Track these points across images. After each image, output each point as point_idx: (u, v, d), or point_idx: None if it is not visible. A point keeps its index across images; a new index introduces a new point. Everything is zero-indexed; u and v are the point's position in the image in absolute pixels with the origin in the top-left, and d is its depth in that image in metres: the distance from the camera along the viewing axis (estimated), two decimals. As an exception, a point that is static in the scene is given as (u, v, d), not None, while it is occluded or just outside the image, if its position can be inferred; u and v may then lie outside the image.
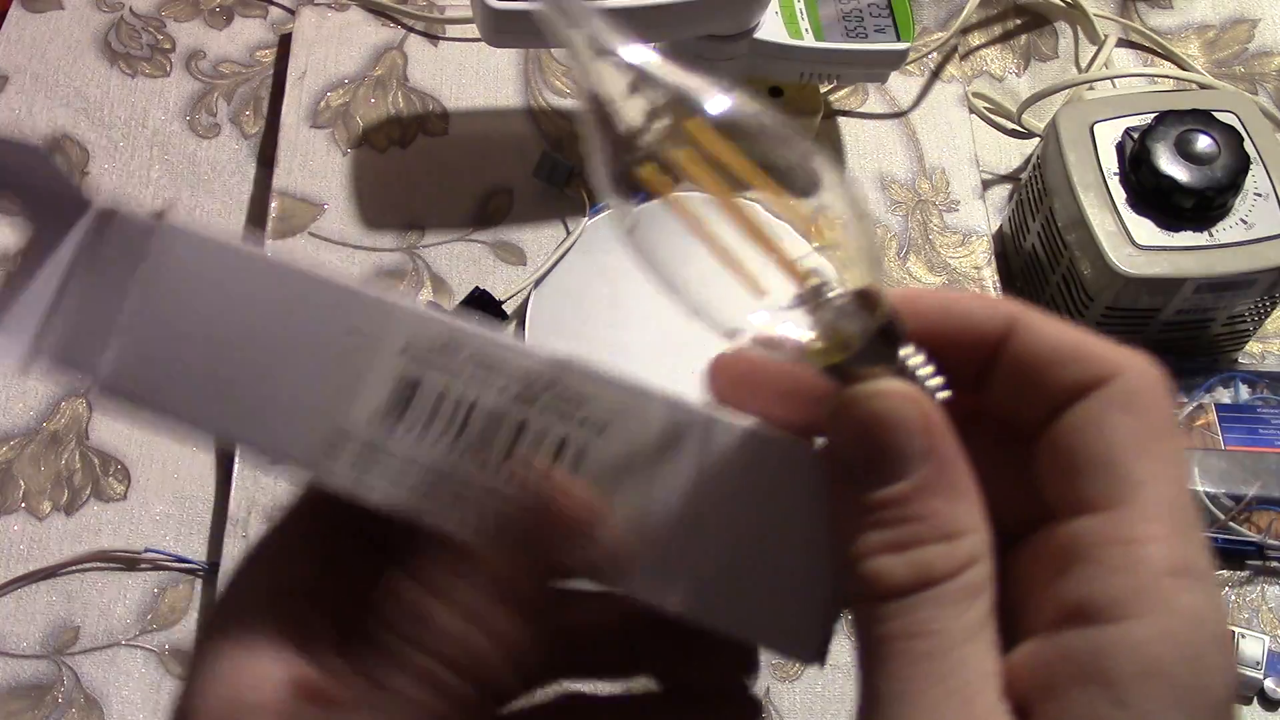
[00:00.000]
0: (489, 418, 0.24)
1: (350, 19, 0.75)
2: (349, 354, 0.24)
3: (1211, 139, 0.60)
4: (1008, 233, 0.72)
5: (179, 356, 0.25)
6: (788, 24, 0.64)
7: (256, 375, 0.25)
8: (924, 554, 0.22)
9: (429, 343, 0.24)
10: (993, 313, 0.25)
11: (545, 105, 0.73)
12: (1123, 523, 0.22)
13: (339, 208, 0.69)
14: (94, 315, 0.25)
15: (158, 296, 0.25)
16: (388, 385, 0.24)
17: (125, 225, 0.25)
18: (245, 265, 0.25)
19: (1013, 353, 0.24)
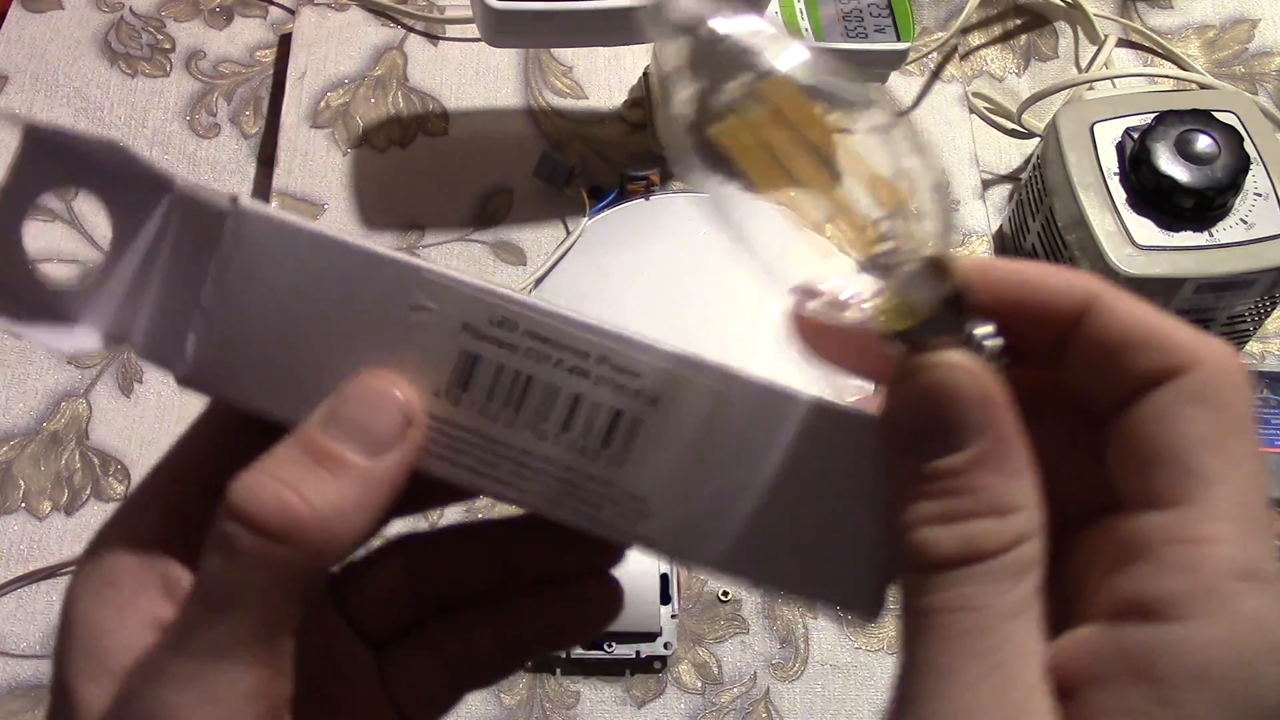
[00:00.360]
0: (546, 390, 0.25)
1: (350, 19, 0.75)
2: (412, 331, 0.25)
3: (1211, 139, 0.60)
4: (1008, 233, 0.72)
5: (253, 341, 0.25)
6: (788, 24, 0.65)
7: (327, 355, 0.25)
8: (973, 527, 0.22)
9: (488, 318, 0.25)
10: (1070, 288, 0.24)
11: (545, 105, 0.73)
12: (1190, 521, 0.22)
13: (339, 208, 0.69)
14: (173, 303, 0.25)
15: (232, 282, 0.25)
16: (450, 361, 0.25)
17: (200, 209, 0.25)
18: (314, 245, 0.25)
19: (1090, 332, 0.24)
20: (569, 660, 0.57)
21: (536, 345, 0.25)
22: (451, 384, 0.25)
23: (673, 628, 0.58)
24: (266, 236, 0.25)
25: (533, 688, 0.57)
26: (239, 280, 0.25)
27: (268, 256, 0.25)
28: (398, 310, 0.25)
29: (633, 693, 0.58)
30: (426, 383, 0.25)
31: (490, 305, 0.25)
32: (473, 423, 0.25)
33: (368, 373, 0.25)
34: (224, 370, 0.25)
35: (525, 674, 0.57)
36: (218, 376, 0.25)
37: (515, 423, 0.25)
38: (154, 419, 0.64)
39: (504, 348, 0.25)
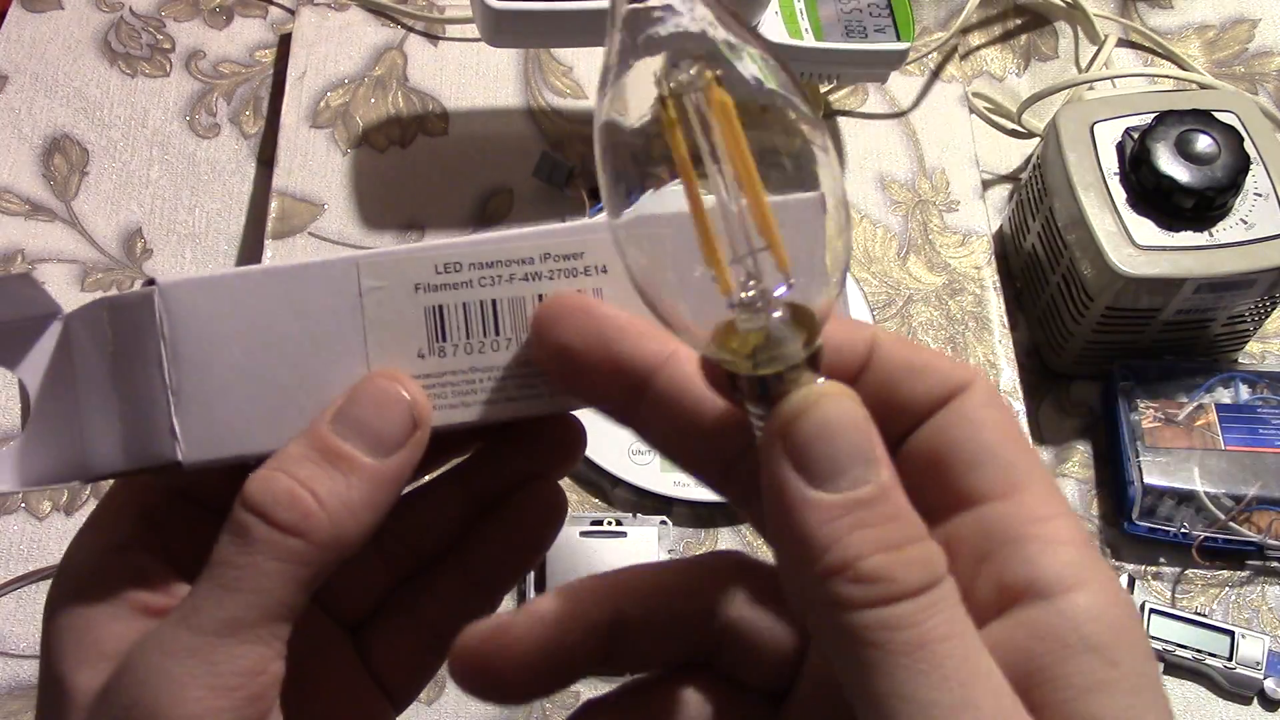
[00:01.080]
0: (513, 305, 0.26)
1: (350, 19, 0.75)
2: (373, 313, 0.26)
3: (1211, 139, 0.60)
4: (1008, 233, 0.72)
5: (232, 396, 0.26)
6: (788, 24, 0.64)
7: (306, 373, 0.26)
8: (919, 550, 0.22)
9: (434, 269, 0.26)
10: (855, 336, 0.25)
11: (545, 105, 0.73)
12: (1031, 504, 0.23)
13: (339, 208, 0.69)
14: (135, 405, 0.26)
15: (187, 354, 0.26)
16: (419, 322, 0.26)
17: (123, 308, 0.26)
18: (245, 286, 0.26)
19: (875, 373, 0.25)
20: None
21: (485, 272, 0.26)
22: (430, 340, 0.26)
23: (673, 628, 0.58)
24: (197, 300, 0.26)
25: (533, 688, 0.57)
26: (192, 350, 0.26)
27: (207, 316, 0.26)
28: (350, 302, 0.26)
29: (633, 693, 0.58)
30: (409, 350, 0.26)
31: (431, 258, 0.26)
32: (465, 364, 0.26)
33: (377, 373, 0.26)
34: (218, 436, 0.26)
35: (525, 674, 0.57)
36: (215, 444, 0.26)
37: (501, 344, 0.26)
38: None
39: (459, 288, 0.26)
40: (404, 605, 0.31)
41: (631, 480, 0.61)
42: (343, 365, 0.26)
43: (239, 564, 0.24)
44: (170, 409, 0.26)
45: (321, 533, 0.24)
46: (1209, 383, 0.64)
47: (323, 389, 0.26)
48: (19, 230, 0.69)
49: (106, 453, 0.26)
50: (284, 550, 0.24)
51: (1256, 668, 0.58)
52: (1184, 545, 0.60)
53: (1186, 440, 0.61)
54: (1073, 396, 0.67)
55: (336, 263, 0.26)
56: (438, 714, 0.56)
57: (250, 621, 0.24)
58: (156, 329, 0.26)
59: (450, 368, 0.26)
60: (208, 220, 0.70)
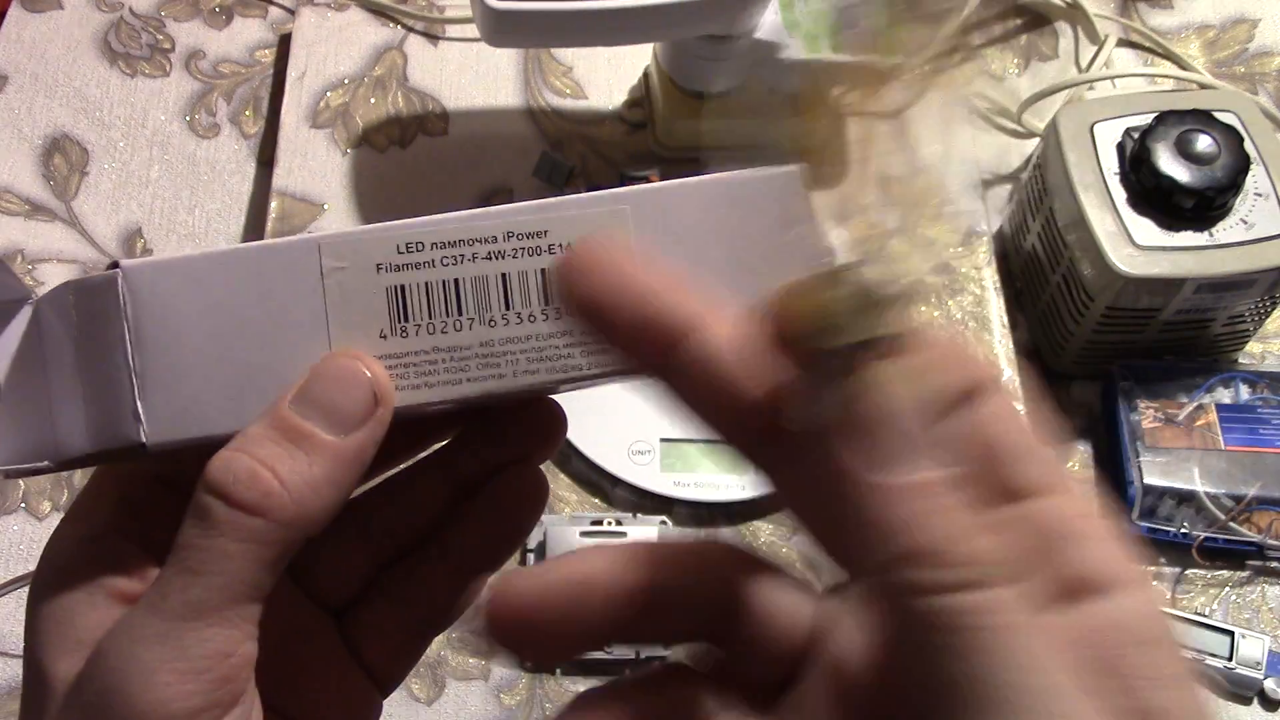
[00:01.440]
0: (476, 284, 0.27)
1: (350, 19, 0.75)
2: (335, 293, 0.26)
3: (1211, 139, 0.60)
4: (1008, 233, 0.72)
5: (195, 378, 0.26)
6: (788, 24, 0.64)
7: (269, 354, 0.26)
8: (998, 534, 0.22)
9: (395, 249, 0.27)
10: None
11: (545, 105, 0.73)
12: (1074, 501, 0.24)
13: (339, 208, 0.69)
14: (99, 389, 0.26)
15: (150, 337, 0.26)
16: (381, 302, 0.26)
17: (88, 291, 0.26)
18: (208, 268, 0.26)
19: None
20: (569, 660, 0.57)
21: (447, 252, 0.27)
22: (393, 321, 0.26)
23: (673, 628, 0.58)
24: (160, 282, 0.26)
25: (533, 688, 0.57)
26: (155, 332, 0.26)
27: (171, 298, 0.26)
28: (312, 283, 0.26)
29: (633, 693, 0.58)
30: (371, 331, 0.26)
31: (392, 237, 0.27)
32: (428, 344, 0.26)
33: (338, 352, 0.26)
34: (182, 417, 0.26)
35: (525, 674, 0.57)
36: (179, 425, 0.26)
37: (464, 324, 0.26)
38: (154, 419, 0.64)
39: (421, 268, 0.27)
40: (387, 589, 0.31)
41: (631, 480, 0.61)
42: (305, 346, 0.26)
43: (202, 546, 0.24)
44: (134, 391, 0.26)
45: (283, 511, 0.24)
46: (1209, 383, 0.64)
47: (286, 370, 0.26)
48: (19, 230, 0.69)
49: (74, 435, 0.26)
50: (246, 530, 0.24)
51: (1257, 668, 0.58)
52: (1184, 545, 0.60)
53: (1186, 440, 0.61)
54: (1073, 396, 0.67)
55: (299, 243, 0.26)
56: (438, 714, 0.57)
57: (216, 604, 0.24)
58: (120, 311, 0.26)
59: (413, 348, 0.26)
60: (208, 220, 0.70)
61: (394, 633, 0.31)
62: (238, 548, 0.24)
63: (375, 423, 0.26)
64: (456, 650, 0.58)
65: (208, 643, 0.24)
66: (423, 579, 0.31)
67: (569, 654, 0.26)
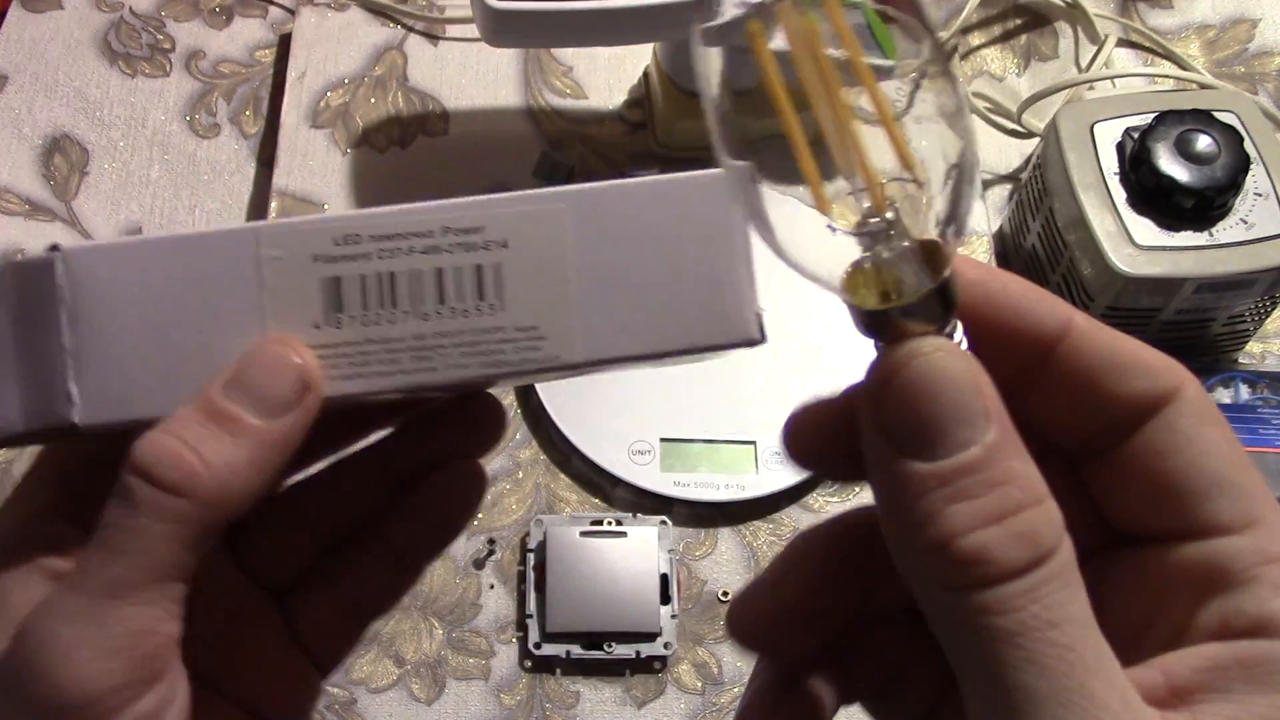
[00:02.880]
0: (410, 278, 0.27)
1: (350, 19, 0.75)
2: (270, 283, 0.26)
3: (1211, 139, 0.60)
4: (1008, 233, 0.72)
5: (129, 361, 0.26)
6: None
7: (204, 339, 0.26)
8: (1028, 521, 0.20)
9: (332, 241, 0.27)
10: (1053, 313, 0.23)
11: (545, 105, 0.73)
12: (1267, 540, 0.22)
13: (339, 208, 0.69)
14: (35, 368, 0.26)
15: (86, 318, 0.26)
16: (316, 292, 0.27)
17: (27, 272, 0.26)
18: (146, 253, 0.26)
19: (1068, 359, 0.23)
20: (569, 660, 0.57)
21: (384, 244, 0.27)
22: (326, 311, 0.26)
23: (673, 628, 0.58)
24: (98, 265, 0.26)
25: (533, 688, 0.57)
26: (91, 314, 0.26)
27: (108, 282, 0.26)
28: (249, 271, 0.26)
29: (633, 693, 0.58)
30: (305, 321, 0.26)
31: (330, 229, 0.27)
32: (362, 335, 0.27)
33: (269, 339, 0.26)
34: (115, 399, 0.26)
35: (525, 674, 0.57)
36: (111, 407, 0.26)
37: (398, 317, 0.27)
38: (154, 419, 0.64)
39: (357, 260, 0.27)
40: (328, 575, 0.31)
41: (631, 480, 0.61)
42: (240, 333, 0.26)
43: (124, 526, 0.24)
44: (67, 371, 0.26)
45: (205, 492, 0.24)
46: (1209, 383, 0.64)
47: (219, 356, 0.26)
48: (19, 230, 0.69)
49: (9, 414, 0.26)
50: (168, 510, 0.24)
51: (1256, 668, 0.58)
52: (1184, 545, 0.60)
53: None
54: (1073, 396, 0.67)
55: (237, 231, 0.26)
56: (438, 714, 0.57)
57: (137, 582, 0.24)
58: (57, 293, 0.26)
59: (346, 339, 0.27)
60: (208, 220, 0.70)
61: (333, 618, 0.31)
62: (159, 528, 0.24)
63: (303, 410, 0.26)
64: (456, 650, 0.58)
65: (128, 621, 0.24)
66: (362, 567, 0.31)
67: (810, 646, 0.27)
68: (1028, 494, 0.21)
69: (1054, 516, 0.21)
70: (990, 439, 0.21)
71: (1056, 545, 0.21)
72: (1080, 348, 0.23)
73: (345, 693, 0.56)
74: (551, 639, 0.57)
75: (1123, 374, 0.23)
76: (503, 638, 0.58)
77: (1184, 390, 0.23)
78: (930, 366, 0.21)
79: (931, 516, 0.20)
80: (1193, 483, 0.23)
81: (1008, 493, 0.20)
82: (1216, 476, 0.23)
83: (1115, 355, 0.23)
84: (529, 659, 0.57)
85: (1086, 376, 0.23)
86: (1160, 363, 0.23)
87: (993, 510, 0.20)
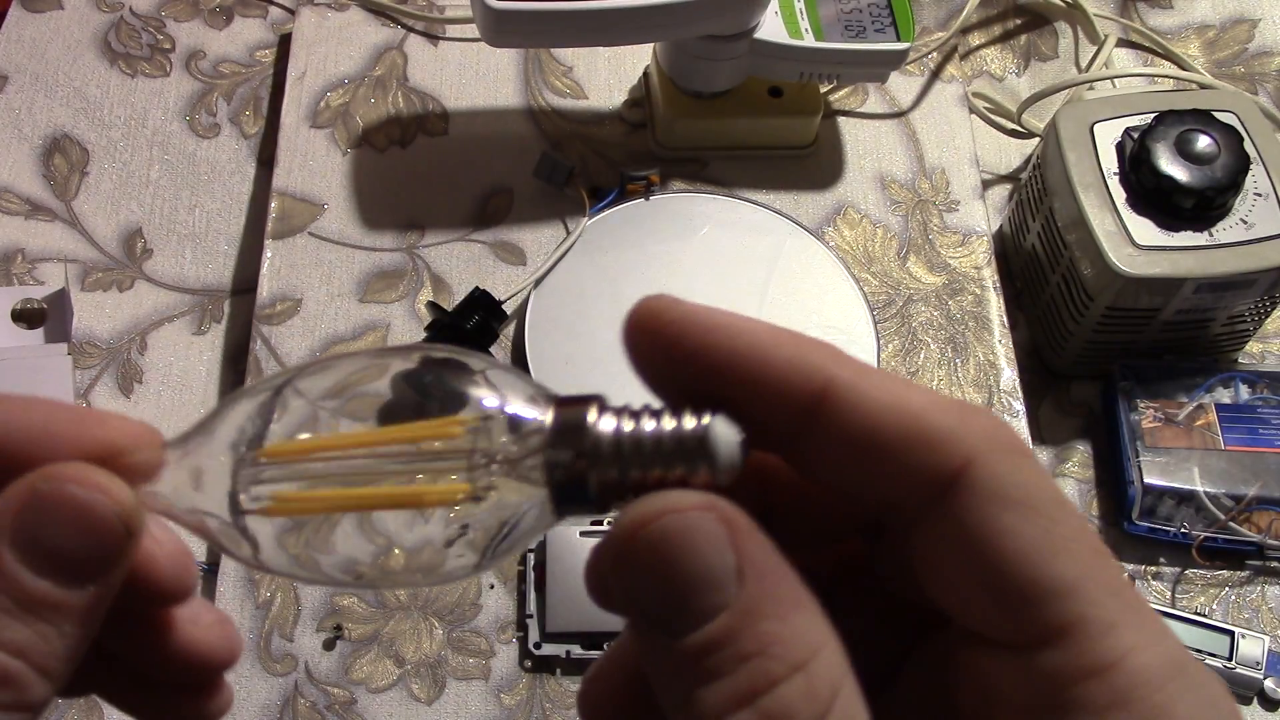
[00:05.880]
0: None
1: (350, 19, 0.75)
2: None
3: (1211, 139, 0.60)
4: (1008, 233, 0.72)
5: None
6: (788, 24, 0.64)
7: None
8: (780, 699, 0.18)
9: None
10: (805, 365, 0.20)
11: (545, 105, 0.73)
12: (1091, 648, 0.19)
13: (339, 208, 0.69)
14: None
15: None
16: None
17: None
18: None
19: (831, 426, 0.20)
20: (569, 660, 0.57)
21: None
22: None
23: (673, 628, 0.58)
24: None
25: (533, 688, 0.57)
26: None
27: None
28: None
29: (633, 693, 0.58)
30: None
31: None
32: None
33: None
34: None
35: (525, 674, 0.57)
36: None
37: None
38: (154, 419, 0.64)
39: None
40: None
41: (631, 480, 0.61)
42: None
43: None
44: None
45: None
46: (1209, 383, 0.64)
47: None
48: (19, 230, 0.69)
49: None
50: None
51: (1256, 668, 0.58)
52: (1184, 545, 0.60)
53: (1186, 440, 0.61)
54: (1073, 396, 0.67)
55: None
56: (438, 714, 0.57)
57: None
58: None
59: None
60: (208, 220, 0.70)
61: None
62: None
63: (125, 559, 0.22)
64: (456, 650, 0.58)
65: None
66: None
67: None
68: (782, 663, 0.18)
69: (815, 685, 0.18)
70: (741, 603, 0.18)
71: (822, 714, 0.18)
72: (843, 413, 0.20)
73: (345, 693, 0.56)
74: (551, 639, 0.57)
75: (896, 447, 0.19)
76: (503, 638, 0.58)
77: (972, 467, 0.19)
78: (665, 530, 0.19)
79: (684, 699, 0.18)
80: (992, 584, 0.19)
81: (760, 666, 0.18)
82: (1017, 576, 0.19)
83: (885, 423, 0.19)
84: (529, 659, 0.58)
85: (855, 447, 0.20)
86: (940, 430, 0.19)
87: (742, 690, 0.18)
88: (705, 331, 0.20)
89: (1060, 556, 0.19)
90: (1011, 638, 0.19)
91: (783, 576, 0.19)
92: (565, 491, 0.20)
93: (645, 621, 0.19)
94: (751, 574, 0.18)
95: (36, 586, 0.21)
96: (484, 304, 0.63)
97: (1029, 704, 0.19)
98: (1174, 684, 0.19)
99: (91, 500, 0.21)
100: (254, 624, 0.57)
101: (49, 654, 0.21)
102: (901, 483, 0.20)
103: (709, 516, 0.19)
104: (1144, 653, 0.19)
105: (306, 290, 0.66)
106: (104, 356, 0.66)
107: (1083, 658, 0.19)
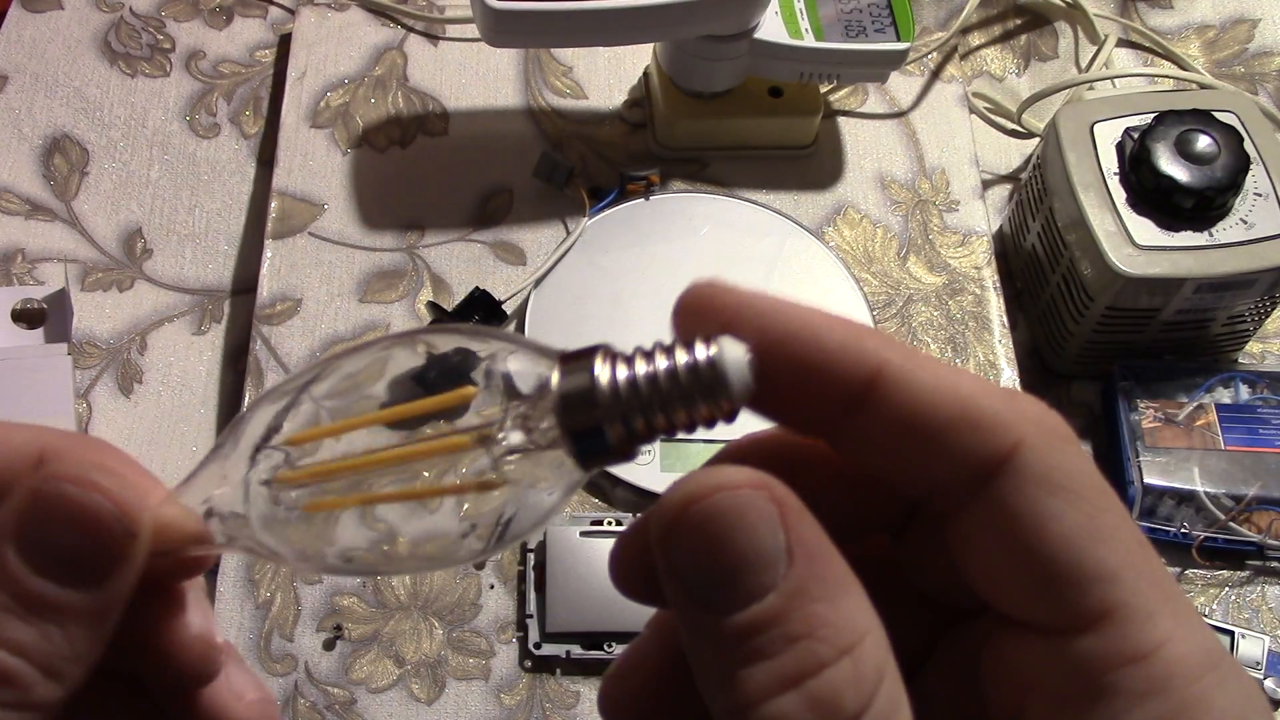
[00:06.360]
0: None
1: (350, 19, 0.75)
2: None
3: (1211, 139, 0.60)
4: (1008, 233, 0.72)
5: None
6: (788, 24, 0.64)
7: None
8: (827, 683, 0.18)
9: None
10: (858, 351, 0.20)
11: (545, 105, 0.73)
12: (1130, 635, 0.19)
13: (339, 208, 0.69)
14: None
15: None
16: None
17: None
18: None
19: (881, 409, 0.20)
20: (569, 660, 0.57)
21: None
22: None
23: (673, 628, 0.58)
24: None
25: (533, 688, 0.57)
26: None
27: None
28: None
29: (633, 693, 0.58)
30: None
31: None
32: None
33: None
34: None
35: (525, 674, 0.57)
36: None
37: None
38: (154, 419, 0.64)
39: None
40: None
41: (631, 480, 0.61)
42: None
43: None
44: None
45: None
46: (1209, 383, 0.64)
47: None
48: (19, 230, 0.69)
49: None
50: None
51: (1256, 668, 0.58)
52: (1184, 545, 0.60)
53: (1186, 440, 0.61)
54: (1073, 396, 0.67)
55: None
56: (438, 714, 0.57)
57: None
58: None
59: None
60: (208, 220, 0.70)
61: None
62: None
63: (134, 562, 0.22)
64: (456, 650, 0.58)
65: None
66: None
67: None
68: (830, 646, 0.18)
69: (861, 670, 0.18)
70: (790, 584, 0.18)
71: (862, 709, 0.18)
72: (894, 396, 0.20)
73: (345, 693, 0.56)
74: (551, 639, 0.57)
75: (945, 430, 0.19)
76: (503, 638, 0.58)
77: (1020, 451, 0.19)
78: (718, 507, 0.18)
79: (727, 679, 0.18)
80: (1034, 569, 0.19)
81: (808, 649, 0.18)
82: (1060, 561, 0.19)
83: (935, 407, 0.19)
84: (529, 659, 0.57)
85: (904, 431, 0.20)
86: (990, 415, 0.19)
87: (789, 672, 0.18)
88: (759, 315, 0.20)
89: (1104, 543, 0.19)
90: (1049, 622, 0.19)
91: (831, 559, 0.19)
92: (584, 445, 0.20)
93: (690, 599, 0.19)
94: (801, 555, 0.18)
95: (38, 586, 0.21)
96: (484, 304, 0.63)
97: (1063, 691, 0.19)
98: (1211, 676, 0.19)
99: (90, 501, 0.21)
100: (254, 624, 0.57)
101: (53, 654, 0.21)
102: (949, 466, 0.20)
103: (761, 495, 0.19)
104: (1182, 643, 0.19)
105: (306, 290, 0.66)
106: (104, 356, 0.66)
107: (1121, 644, 0.19)
